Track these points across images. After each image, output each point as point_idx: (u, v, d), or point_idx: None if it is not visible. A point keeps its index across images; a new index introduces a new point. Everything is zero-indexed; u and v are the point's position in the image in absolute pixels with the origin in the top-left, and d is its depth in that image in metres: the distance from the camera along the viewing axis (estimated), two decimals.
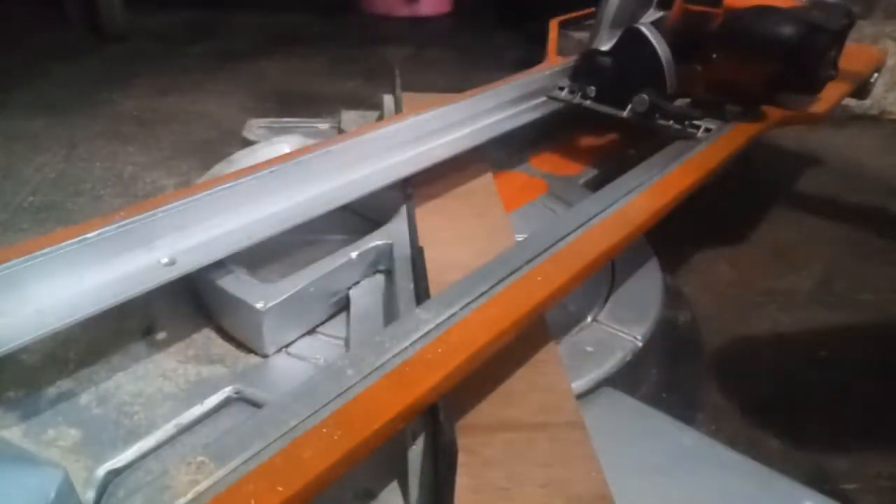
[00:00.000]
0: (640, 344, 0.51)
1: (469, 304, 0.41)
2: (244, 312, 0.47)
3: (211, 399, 0.43)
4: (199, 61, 1.43)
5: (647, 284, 0.58)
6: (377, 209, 0.61)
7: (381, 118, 0.80)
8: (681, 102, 0.71)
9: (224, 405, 0.44)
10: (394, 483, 0.39)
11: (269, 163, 0.54)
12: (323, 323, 0.52)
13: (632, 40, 0.72)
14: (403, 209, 0.59)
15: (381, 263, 0.55)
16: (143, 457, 0.40)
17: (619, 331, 0.52)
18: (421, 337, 0.39)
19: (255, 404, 0.44)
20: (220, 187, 0.49)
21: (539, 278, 0.44)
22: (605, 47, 0.75)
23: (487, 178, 0.68)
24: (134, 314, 0.49)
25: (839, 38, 0.70)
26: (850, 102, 1.05)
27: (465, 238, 0.56)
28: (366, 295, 0.53)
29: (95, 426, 0.41)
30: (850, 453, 0.54)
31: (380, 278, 0.55)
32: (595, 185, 0.74)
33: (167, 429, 0.41)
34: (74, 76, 1.30)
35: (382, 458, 0.39)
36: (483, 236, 0.57)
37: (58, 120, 1.07)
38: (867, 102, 1.08)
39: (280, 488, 0.29)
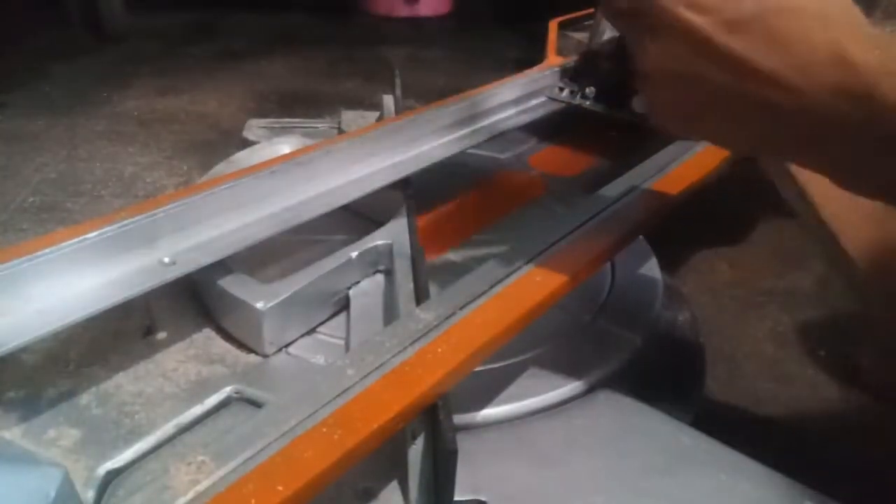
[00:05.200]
0: (639, 344, 0.51)
1: (469, 303, 0.41)
2: (244, 312, 0.47)
3: (211, 399, 0.43)
4: (199, 61, 1.43)
5: (646, 284, 0.58)
6: (377, 209, 0.61)
7: (381, 118, 0.80)
8: None
9: (224, 405, 0.44)
10: (394, 483, 0.39)
11: (270, 163, 0.54)
12: (323, 323, 0.52)
13: None
14: (403, 209, 0.59)
15: (381, 263, 0.55)
16: (144, 456, 0.40)
17: (618, 331, 0.52)
18: (421, 337, 0.39)
19: (256, 404, 0.44)
20: (220, 187, 0.49)
21: (538, 278, 0.44)
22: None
23: None
24: (134, 314, 0.49)
25: None
26: None
27: None
28: (366, 295, 0.53)
29: (96, 426, 0.41)
30: (850, 451, 0.54)
31: (380, 278, 0.55)
32: (594, 185, 0.74)
33: (167, 428, 0.41)
34: (74, 76, 1.30)
35: (382, 457, 0.39)
36: None
37: (58, 120, 1.07)
38: None
39: (280, 487, 0.29)
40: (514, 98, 0.75)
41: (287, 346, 0.49)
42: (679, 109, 0.34)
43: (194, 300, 0.52)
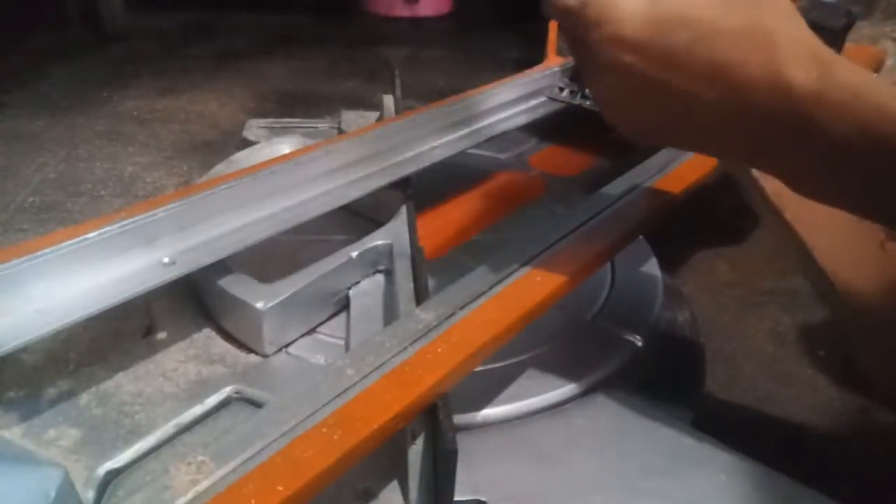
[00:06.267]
0: (639, 344, 0.51)
1: (469, 303, 0.41)
2: (244, 312, 0.47)
3: (211, 399, 0.43)
4: (199, 61, 1.43)
5: (646, 284, 0.58)
6: (377, 209, 0.61)
7: (381, 118, 0.80)
8: None
9: (224, 405, 0.44)
10: (394, 483, 0.39)
11: (270, 163, 0.54)
12: (323, 323, 0.52)
13: None
14: (403, 209, 0.59)
15: (381, 263, 0.55)
16: (144, 456, 0.40)
17: (618, 331, 0.52)
18: (421, 337, 0.39)
19: (255, 404, 0.44)
20: (220, 187, 0.49)
21: (538, 278, 0.44)
22: None
23: None
24: (134, 314, 0.49)
25: (839, 37, 0.70)
26: None
27: None
28: (366, 295, 0.53)
29: (95, 426, 0.41)
30: (850, 451, 0.54)
31: (380, 278, 0.55)
32: (594, 185, 0.74)
33: (167, 428, 0.41)
34: (74, 76, 1.30)
35: (382, 457, 0.39)
36: None
37: (58, 120, 1.07)
38: None
39: (280, 488, 0.29)
40: (515, 98, 0.75)
41: (287, 346, 0.49)
42: (632, 127, 0.34)
43: (194, 300, 0.52)
